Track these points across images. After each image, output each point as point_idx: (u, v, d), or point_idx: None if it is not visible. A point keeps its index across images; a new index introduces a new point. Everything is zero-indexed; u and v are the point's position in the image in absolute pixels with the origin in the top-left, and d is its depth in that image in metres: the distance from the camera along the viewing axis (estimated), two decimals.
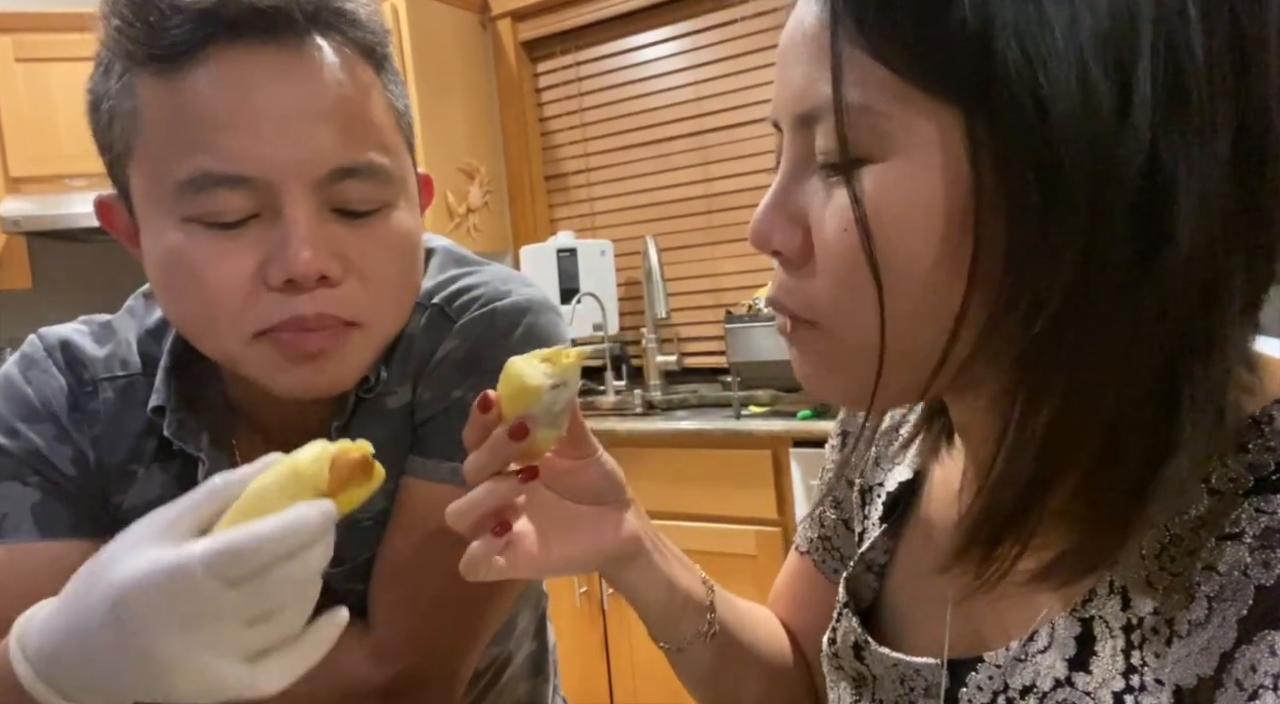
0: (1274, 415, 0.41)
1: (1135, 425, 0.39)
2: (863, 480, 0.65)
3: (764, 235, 0.46)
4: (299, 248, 0.61)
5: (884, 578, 0.61)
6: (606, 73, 2.84)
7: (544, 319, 0.76)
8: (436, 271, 0.78)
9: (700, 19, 2.65)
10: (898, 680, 0.54)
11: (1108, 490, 0.40)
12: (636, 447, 2.22)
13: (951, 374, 0.42)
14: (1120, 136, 0.36)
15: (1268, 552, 0.38)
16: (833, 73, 0.40)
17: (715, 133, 2.66)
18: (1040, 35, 0.36)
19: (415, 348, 0.74)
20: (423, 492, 0.72)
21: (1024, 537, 0.42)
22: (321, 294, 0.63)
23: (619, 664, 2.28)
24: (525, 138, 2.97)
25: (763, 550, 2.06)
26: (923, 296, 0.41)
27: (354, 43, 0.64)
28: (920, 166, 0.39)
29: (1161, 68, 0.36)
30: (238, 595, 0.45)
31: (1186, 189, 0.36)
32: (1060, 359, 0.39)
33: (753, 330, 2.19)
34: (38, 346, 0.75)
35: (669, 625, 0.63)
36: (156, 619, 0.46)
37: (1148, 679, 0.41)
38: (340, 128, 0.62)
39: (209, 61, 0.60)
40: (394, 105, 0.68)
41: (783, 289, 0.46)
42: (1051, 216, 0.37)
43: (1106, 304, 0.37)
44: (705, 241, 2.72)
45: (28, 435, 0.72)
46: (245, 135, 0.60)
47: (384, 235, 0.66)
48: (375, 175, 0.64)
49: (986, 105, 0.37)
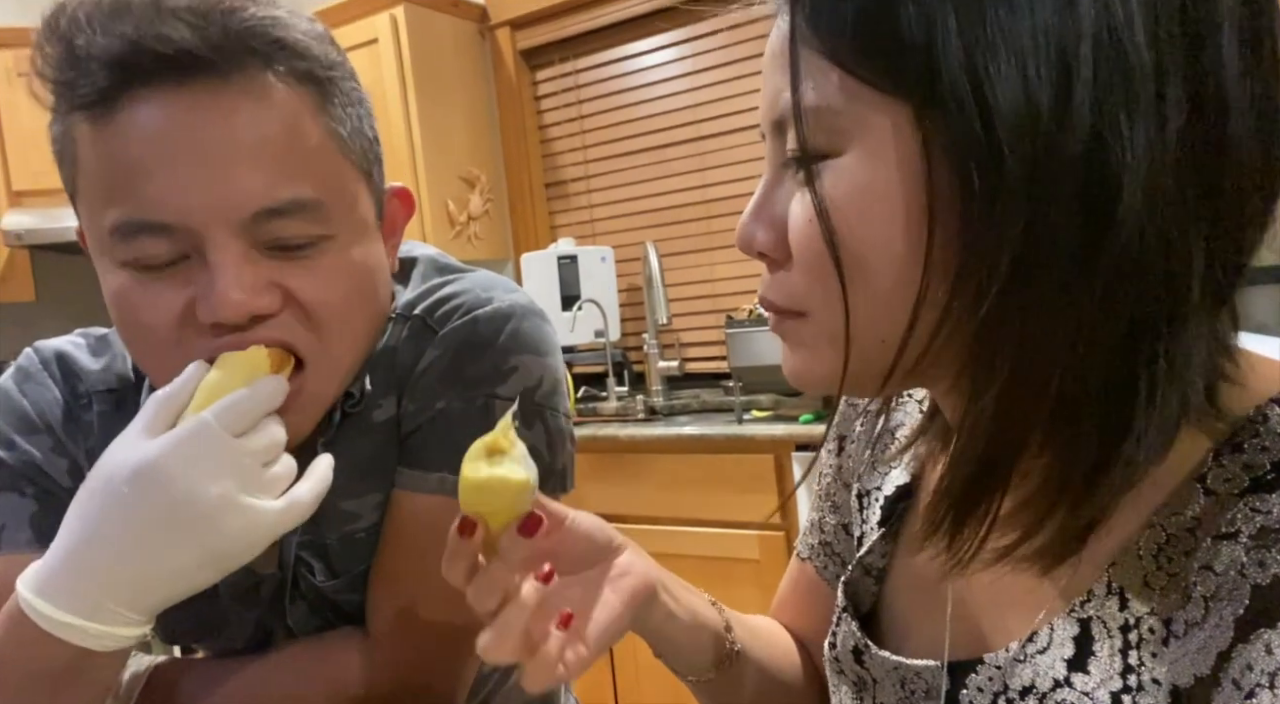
0: (1268, 415, 0.42)
1: (1091, 407, 0.40)
2: (860, 485, 0.66)
3: (748, 239, 0.48)
4: (225, 290, 0.59)
5: (883, 581, 0.61)
6: (605, 80, 2.85)
7: (527, 324, 0.74)
8: (419, 281, 0.77)
9: (697, 26, 2.66)
10: (898, 683, 0.54)
11: (1068, 471, 0.41)
12: (639, 453, 2.22)
13: (915, 357, 0.43)
14: (1060, 122, 0.37)
15: (1263, 551, 0.38)
16: (791, 77, 0.42)
17: (713, 139, 2.66)
18: (980, 31, 0.37)
19: (398, 360, 0.73)
20: (413, 503, 0.71)
21: (987, 515, 0.43)
22: (256, 329, 0.62)
23: (623, 662, 2.28)
24: (525, 145, 2.98)
25: (766, 555, 2.06)
26: (887, 282, 0.42)
27: (289, 72, 0.62)
28: (875, 159, 0.41)
29: (1104, 54, 0.37)
30: (249, 442, 0.57)
31: (1132, 172, 0.37)
32: (1006, 339, 0.39)
33: (753, 335, 2.20)
34: (33, 359, 0.76)
35: (695, 656, 0.62)
36: (193, 471, 0.55)
37: (1145, 679, 0.42)
38: (263, 167, 0.60)
39: (128, 108, 0.59)
40: (336, 131, 0.65)
41: (768, 286, 0.48)
42: (995, 203, 0.38)
43: (1051, 285, 0.38)
44: (705, 247, 2.72)
45: (25, 447, 0.72)
46: (163, 182, 0.59)
47: (324, 268, 0.63)
48: (307, 211, 0.62)
49: (934, 100, 0.39)
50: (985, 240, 0.38)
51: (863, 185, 0.41)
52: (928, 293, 0.41)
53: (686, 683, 0.64)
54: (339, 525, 0.73)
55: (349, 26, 2.78)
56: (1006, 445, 0.42)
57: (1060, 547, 0.43)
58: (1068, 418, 0.40)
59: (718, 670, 0.63)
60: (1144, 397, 0.39)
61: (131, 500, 0.55)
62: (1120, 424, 0.40)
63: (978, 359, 0.41)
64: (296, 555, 0.73)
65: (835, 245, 0.42)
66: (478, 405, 0.71)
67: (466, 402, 0.71)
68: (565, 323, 2.59)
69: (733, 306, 2.62)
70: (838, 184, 0.42)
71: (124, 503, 0.55)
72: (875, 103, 0.41)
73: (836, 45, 0.41)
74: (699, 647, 0.62)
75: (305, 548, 0.73)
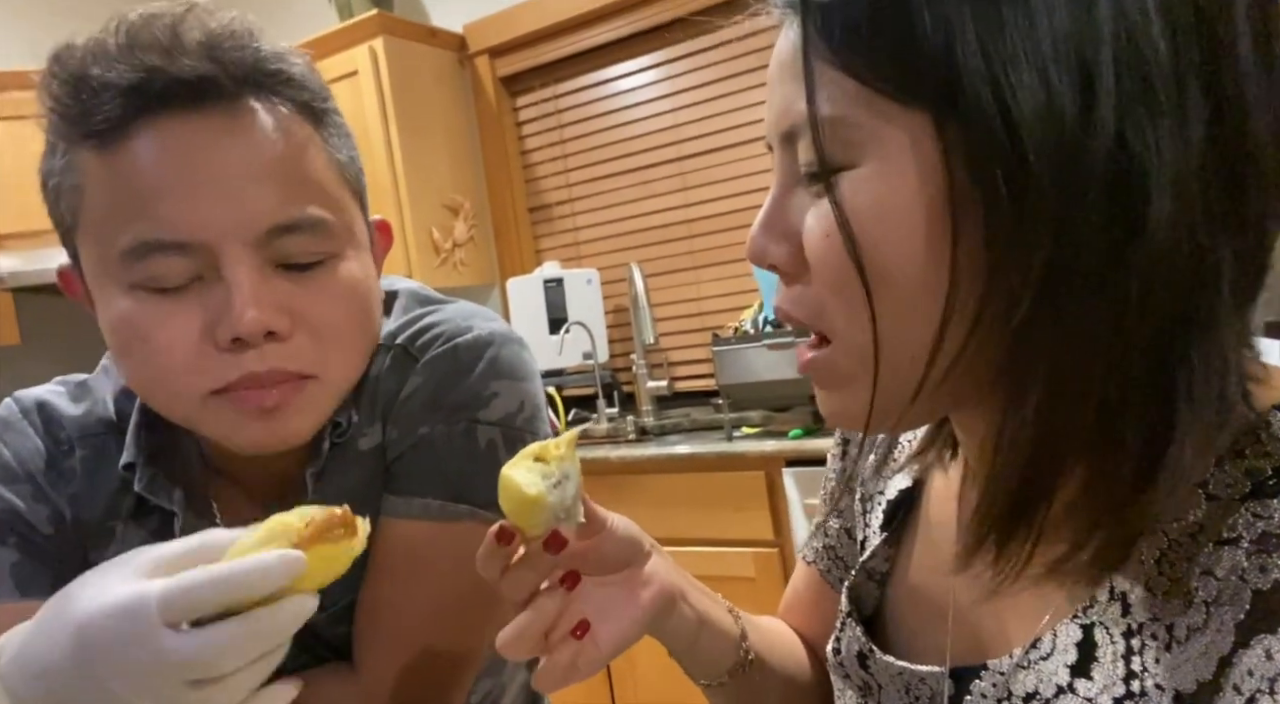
0: (1270, 421, 0.42)
1: (1131, 412, 0.39)
2: (864, 489, 0.66)
3: (760, 251, 0.47)
4: (243, 307, 0.61)
5: (885, 586, 0.61)
6: (585, 104, 2.86)
7: (506, 351, 0.75)
8: (400, 313, 0.78)
9: (675, 48, 2.67)
10: (902, 689, 0.54)
11: (1113, 481, 0.41)
12: (631, 473, 2.21)
13: (945, 370, 0.42)
14: (1085, 128, 0.37)
15: (1264, 556, 0.38)
16: (806, 88, 0.42)
17: (694, 159, 2.68)
18: (1000, 40, 0.37)
19: (381, 389, 0.74)
20: (398, 530, 0.72)
21: (1034, 528, 0.42)
22: (271, 349, 0.63)
23: (619, 665, 2.26)
24: (507, 171, 2.99)
25: (761, 572, 2.05)
26: (912, 294, 0.41)
27: (290, 101, 0.66)
28: (894, 170, 0.41)
29: (1124, 58, 0.37)
30: (187, 650, 0.46)
31: (1158, 173, 0.37)
32: (1042, 346, 0.39)
33: (741, 352, 2.20)
34: (13, 409, 0.76)
35: (710, 662, 0.63)
36: (110, 656, 0.47)
37: (1148, 685, 0.42)
38: (275, 186, 0.63)
39: (142, 134, 0.61)
40: (335, 158, 0.68)
41: (786, 299, 0.47)
42: (1023, 210, 0.38)
43: (1084, 291, 0.38)
44: (690, 266, 2.73)
45: (6, 496, 0.72)
46: (179, 202, 0.61)
47: (331, 286, 0.66)
48: (316, 229, 0.65)
49: (954, 109, 0.38)
50: (1015, 248, 0.38)
51: (882, 197, 0.41)
52: (955, 304, 0.41)
53: (700, 686, 0.65)
54: None
55: (329, 59, 2.79)
56: (1050, 456, 0.41)
57: (1109, 557, 0.42)
58: (1109, 425, 0.40)
59: (732, 676, 0.63)
60: (1183, 399, 0.39)
61: (63, 652, 0.49)
62: (1163, 428, 0.39)
63: (1013, 369, 0.40)
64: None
65: (859, 258, 0.41)
66: (460, 431, 0.72)
67: (449, 427, 0.72)
68: (553, 346, 2.59)
69: (718, 324, 2.63)
70: (856, 196, 0.42)
71: (61, 654, 0.49)
72: (892, 113, 0.40)
73: (850, 56, 0.41)
74: (715, 653, 0.62)
75: None
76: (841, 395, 0.47)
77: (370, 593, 0.72)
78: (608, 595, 0.56)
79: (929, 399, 0.44)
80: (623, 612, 0.56)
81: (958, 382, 0.43)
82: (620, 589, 0.57)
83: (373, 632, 0.71)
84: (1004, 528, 0.43)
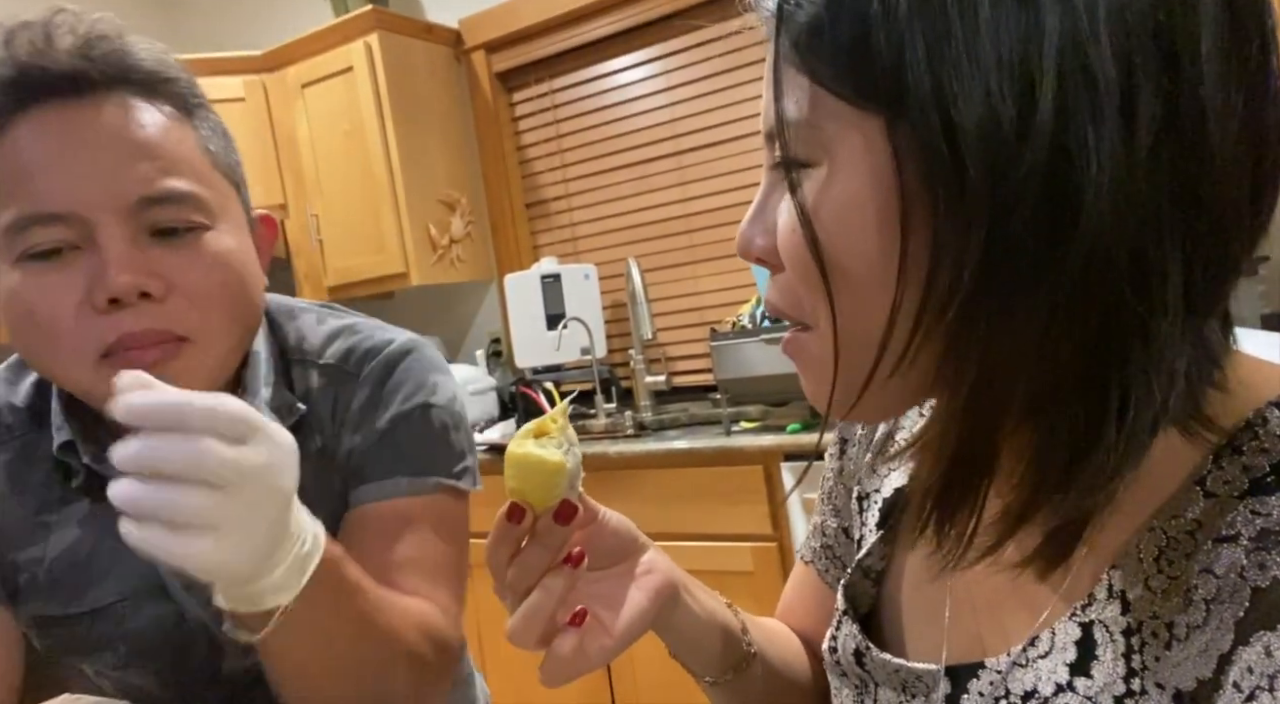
0: (1268, 417, 0.42)
1: (1060, 409, 0.41)
2: (860, 487, 0.66)
3: (746, 244, 0.49)
4: (116, 269, 0.67)
5: (882, 584, 0.61)
6: (581, 99, 2.86)
7: (429, 352, 0.88)
8: (315, 325, 0.87)
9: (671, 43, 2.67)
10: (899, 686, 0.54)
11: (1043, 471, 0.42)
12: (629, 469, 2.21)
13: (894, 363, 0.43)
14: (1022, 136, 0.37)
15: (1263, 554, 0.38)
16: (775, 90, 0.44)
17: (691, 153, 2.67)
18: (946, 48, 0.38)
19: (317, 400, 0.82)
20: (377, 511, 0.79)
21: (972, 512, 0.44)
22: (146, 308, 0.68)
23: (619, 665, 2.26)
24: (504, 167, 2.98)
25: (760, 566, 2.06)
26: (865, 287, 0.43)
27: (160, 95, 0.73)
28: (850, 170, 0.42)
29: (1069, 70, 0.37)
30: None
31: (1094, 180, 0.37)
32: (973, 342, 0.40)
33: (738, 346, 2.20)
34: None
35: (713, 657, 0.63)
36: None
37: (1148, 683, 0.42)
38: (145, 162, 0.69)
39: (22, 123, 0.68)
40: (206, 147, 0.75)
41: (772, 291, 0.50)
42: (960, 211, 0.39)
43: (1013, 291, 0.39)
44: (687, 261, 2.73)
45: None
46: (55, 177, 0.67)
47: (204, 254, 0.72)
48: (185, 201, 0.71)
49: (902, 115, 0.40)
50: (951, 248, 0.40)
51: (839, 195, 0.43)
52: (903, 298, 0.42)
53: (702, 684, 0.65)
54: None
55: (324, 56, 2.78)
56: (976, 444, 0.43)
57: (1050, 550, 0.43)
58: (1040, 421, 0.41)
59: (735, 672, 0.64)
60: (1114, 404, 0.40)
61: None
62: (1091, 429, 0.40)
63: (948, 362, 0.42)
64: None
65: (818, 250, 0.43)
66: (417, 416, 0.83)
67: (406, 415, 0.83)
68: (551, 341, 2.59)
69: (716, 319, 2.63)
70: (816, 194, 0.44)
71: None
72: (849, 117, 0.42)
73: (814, 61, 0.43)
74: (718, 648, 0.63)
75: None
76: (813, 378, 0.49)
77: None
78: (610, 587, 0.58)
79: (887, 390, 0.45)
80: (630, 601, 0.57)
81: (912, 373, 0.44)
82: (622, 581, 0.58)
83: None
84: (941, 508, 0.45)
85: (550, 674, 0.54)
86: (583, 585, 0.56)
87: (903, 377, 0.44)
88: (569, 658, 0.54)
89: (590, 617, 0.56)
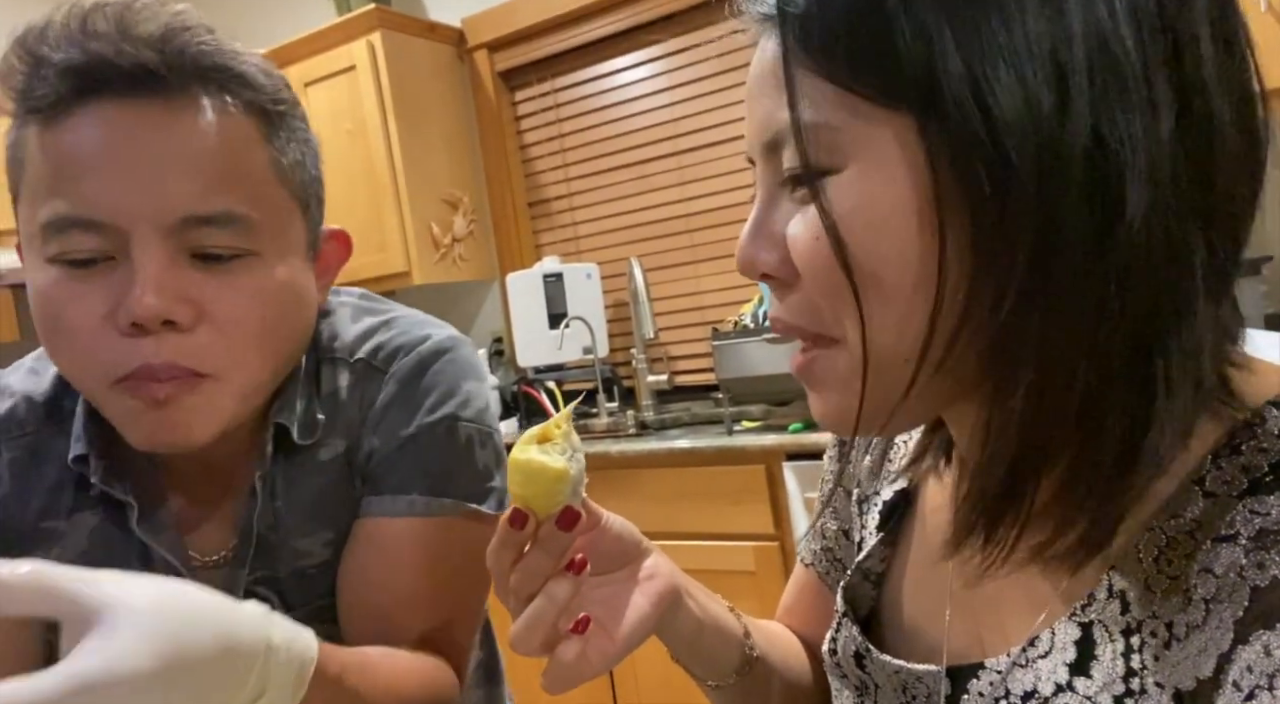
0: (1266, 416, 0.42)
1: (1113, 399, 0.40)
2: (860, 490, 0.66)
3: (749, 261, 0.47)
4: (143, 291, 0.62)
5: (882, 586, 0.61)
6: (584, 98, 2.86)
7: (465, 353, 0.80)
8: (348, 325, 0.80)
9: (674, 42, 2.67)
10: (899, 688, 0.54)
11: (1095, 466, 0.41)
12: (632, 468, 2.22)
13: (935, 366, 0.43)
14: (1062, 124, 0.38)
15: (1262, 553, 0.38)
16: (788, 95, 0.43)
17: (693, 152, 2.67)
18: (977, 42, 0.38)
19: (344, 401, 0.76)
20: (385, 528, 0.74)
21: (1021, 513, 0.43)
22: (170, 340, 0.63)
23: (621, 669, 2.26)
24: (506, 166, 2.98)
25: (762, 566, 2.06)
26: (900, 294, 0.42)
27: (237, 98, 0.67)
28: (879, 172, 0.41)
29: (1096, 56, 0.38)
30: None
31: (1133, 165, 0.38)
32: (1028, 337, 0.40)
33: (740, 346, 2.20)
34: None
35: (716, 661, 0.63)
36: None
37: (1148, 683, 0.42)
38: (199, 177, 0.64)
39: (81, 115, 0.63)
40: (278, 160, 0.69)
41: (782, 310, 0.48)
42: (1006, 206, 0.39)
43: (1067, 283, 0.39)
44: (689, 260, 2.73)
45: None
46: (100, 181, 0.63)
47: (245, 284, 0.66)
48: (235, 224, 0.65)
49: (936, 111, 0.39)
50: (999, 242, 0.39)
51: (868, 199, 0.42)
52: (944, 300, 0.41)
53: (705, 688, 0.65)
54: (291, 561, 0.75)
55: (326, 54, 2.79)
56: (1037, 443, 0.42)
57: (1093, 542, 0.43)
58: (1092, 412, 0.41)
59: (738, 675, 0.63)
60: (1162, 386, 0.40)
61: None
62: (1142, 414, 0.40)
63: (1000, 361, 0.41)
64: (250, 590, 0.73)
65: (846, 259, 0.42)
66: (443, 429, 0.76)
67: (432, 425, 0.76)
68: (553, 341, 2.59)
69: (718, 318, 2.63)
70: (842, 199, 0.42)
71: None
72: (875, 116, 0.41)
73: (831, 63, 0.42)
74: (720, 651, 0.62)
75: (260, 583, 0.74)
76: (836, 396, 0.47)
77: (360, 592, 0.74)
78: (613, 593, 0.57)
79: (919, 398, 0.44)
80: (633, 606, 0.56)
81: (946, 379, 0.43)
82: (625, 586, 0.57)
83: (369, 627, 0.72)
84: (993, 512, 0.44)
85: (553, 681, 0.53)
86: (585, 590, 0.55)
87: (937, 384, 0.43)
88: (572, 665, 0.53)
89: (593, 623, 0.55)
